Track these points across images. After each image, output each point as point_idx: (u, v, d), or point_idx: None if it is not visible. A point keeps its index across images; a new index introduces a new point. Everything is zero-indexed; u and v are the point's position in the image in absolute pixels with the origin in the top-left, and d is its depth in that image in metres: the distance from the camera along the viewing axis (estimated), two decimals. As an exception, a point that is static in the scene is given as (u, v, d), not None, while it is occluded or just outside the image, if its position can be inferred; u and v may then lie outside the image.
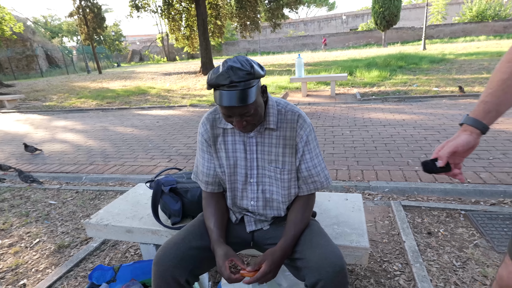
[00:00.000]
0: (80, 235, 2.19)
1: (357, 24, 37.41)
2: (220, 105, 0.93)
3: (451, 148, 0.81)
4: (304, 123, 1.08)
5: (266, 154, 1.10)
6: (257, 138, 1.10)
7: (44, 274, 1.79)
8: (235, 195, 1.17)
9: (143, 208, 1.67)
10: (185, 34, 16.90)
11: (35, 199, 2.86)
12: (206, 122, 1.14)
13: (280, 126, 1.09)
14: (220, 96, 0.92)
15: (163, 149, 4.15)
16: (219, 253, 1.01)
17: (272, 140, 1.09)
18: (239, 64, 0.91)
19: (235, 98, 0.90)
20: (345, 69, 9.75)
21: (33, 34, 25.15)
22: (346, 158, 3.30)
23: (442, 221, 2.05)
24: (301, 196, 1.14)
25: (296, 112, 1.09)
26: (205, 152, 1.16)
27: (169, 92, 9.67)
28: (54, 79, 18.94)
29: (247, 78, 0.90)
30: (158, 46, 38.34)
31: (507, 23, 25.88)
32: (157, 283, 1.02)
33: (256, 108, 0.97)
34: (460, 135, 0.82)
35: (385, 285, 1.53)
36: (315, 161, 1.11)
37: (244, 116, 0.96)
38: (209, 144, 1.15)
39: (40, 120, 7.33)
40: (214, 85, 0.92)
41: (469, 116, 0.82)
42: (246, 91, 0.91)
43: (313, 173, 1.11)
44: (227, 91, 0.91)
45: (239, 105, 0.91)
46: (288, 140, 1.09)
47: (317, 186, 1.13)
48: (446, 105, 5.30)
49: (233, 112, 0.94)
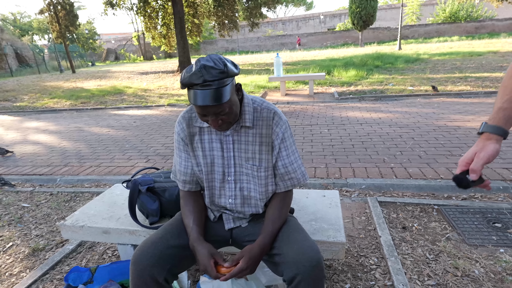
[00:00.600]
0: (55, 237, 2.16)
1: (334, 24, 38.14)
2: (194, 105, 0.93)
3: (484, 160, 0.78)
4: (280, 120, 1.09)
5: (243, 152, 1.11)
6: (233, 136, 1.10)
7: (18, 278, 1.76)
8: (213, 194, 1.17)
9: (120, 209, 1.65)
10: (161, 32, 16.59)
11: (7, 202, 2.78)
12: (182, 121, 1.13)
13: (256, 124, 1.09)
14: (194, 96, 0.91)
15: (140, 150, 4.12)
16: (202, 252, 1.02)
17: (248, 138, 1.10)
18: (212, 63, 0.90)
19: (209, 97, 0.90)
20: (323, 69, 9.93)
21: (1, 32, 23.76)
22: (324, 156, 3.39)
23: (416, 216, 2.11)
24: (279, 193, 1.15)
25: (271, 109, 1.10)
26: (182, 151, 1.16)
27: (146, 92, 9.51)
28: (24, 78, 18.00)
29: (220, 77, 0.90)
30: (134, 45, 37.35)
31: (478, 24, 26.98)
32: (135, 283, 1.01)
33: (231, 106, 0.97)
34: (487, 144, 0.79)
35: (361, 278, 1.57)
36: (291, 158, 1.12)
37: (219, 115, 0.96)
38: (186, 143, 1.14)
39: (10, 122, 7.03)
40: (188, 85, 0.92)
41: (489, 124, 0.80)
42: (220, 90, 0.91)
43: (289, 170, 1.11)
44: (200, 90, 0.90)
45: (213, 104, 0.90)
46: (264, 138, 1.09)
47: (294, 182, 1.14)
48: (421, 103, 5.52)
49: (208, 111, 0.94)
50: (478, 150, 0.80)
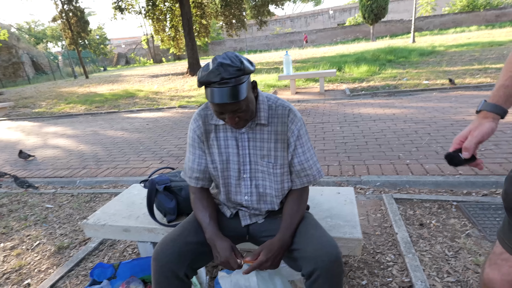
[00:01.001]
0: (78, 236, 2.25)
1: (344, 19, 37.49)
2: (211, 103, 0.94)
3: (477, 138, 0.77)
4: (295, 117, 1.10)
5: (258, 149, 1.11)
6: (248, 134, 1.11)
7: (46, 274, 1.86)
8: (229, 191, 1.18)
9: (138, 208, 1.69)
10: (170, 34, 16.82)
11: (32, 204, 2.91)
12: (198, 118, 1.14)
13: (271, 121, 1.09)
14: (212, 94, 0.92)
15: (154, 151, 4.21)
16: (222, 245, 1.04)
17: (263, 135, 1.10)
18: (229, 61, 0.91)
19: (227, 95, 0.91)
20: (334, 65, 9.80)
21: (18, 41, 24.60)
22: (337, 153, 3.36)
23: (434, 212, 2.07)
24: (295, 190, 1.16)
25: (286, 106, 1.10)
26: (196, 148, 1.16)
27: (157, 94, 9.66)
28: (41, 85, 18.61)
29: (237, 74, 0.91)
30: (143, 48, 37.93)
31: (499, 12, 25.42)
32: (157, 278, 1.05)
33: (248, 104, 0.97)
34: (483, 123, 0.78)
35: (378, 275, 1.56)
36: (307, 155, 1.12)
37: (236, 113, 0.96)
38: (202, 140, 1.15)
39: (31, 127, 7.29)
40: (205, 83, 0.93)
41: (488, 102, 0.79)
42: (237, 88, 0.92)
43: (305, 167, 1.12)
44: (218, 88, 0.91)
45: (231, 101, 0.91)
46: (279, 135, 1.10)
47: (310, 179, 1.14)
48: (437, 98, 5.35)
49: (225, 109, 0.94)
50: (473, 129, 0.79)
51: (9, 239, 2.33)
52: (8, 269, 1.96)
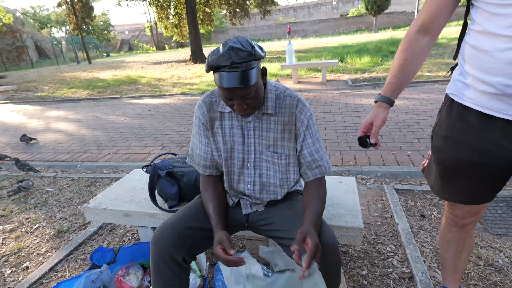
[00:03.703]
0: (78, 220, 2.26)
1: (347, 10, 36.98)
2: (220, 87, 0.91)
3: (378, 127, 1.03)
4: (304, 107, 1.07)
5: (264, 139, 1.09)
6: (254, 123, 1.08)
7: (45, 257, 1.87)
8: (231, 179, 1.17)
9: (140, 193, 1.69)
10: (173, 22, 16.64)
11: (32, 187, 2.92)
12: (202, 105, 1.12)
13: (278, 111, 1.07)
14: (221, 78, 0.89)
15: (155, 137, 4.21)
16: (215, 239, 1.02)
17: (270, 125, 1.08)
18: (239, 45, 0.88)
19: (237, 79, 0.88)
20: (336, 56, 9.75)
21: (23, 25, 24.48)
22: (338, 143, 3.36)
23: (435, 204, 2.06)
24: (312, 180, 1.11)
25: (295, 97, 1.08)
26: (202, 136, 1.14)
27: (159, 81, 9.61)
28: (44, 69, 18.53)
29: (248, 59, 0.88)
30: (147, 35, 37.57)
31: None
32: (155, 262, 1.04)
33: (257, 90, 0.95)
34: (379, 112, 1.03)
35: (378, 265, 1.56)
36: (317, 145, 1.09)
37: (245, 99, 0.94)
38: (206, 128, 1.13)
39: (33, 111, 7.29)
40: (215, 67, 0.89)
41: (381, 95, 1.03)
42: (247, 72, 0.89)
43: (316, 158, 1.09)
44: (228, 73, 0.88)
45: (241, 86, 0.89)
46: (286, 125, 1.07)
47: (322, 170, 1.10)
48: (439, 89, 5.34)
49: (234, 94, 0.91)
50: (373, 118, 1.04)
51: (8, 221, 2.34)
52: (6, 251, 1.97)
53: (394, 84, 1.00)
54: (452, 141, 0.93)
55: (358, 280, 1.49)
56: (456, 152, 0.93)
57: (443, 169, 0.99)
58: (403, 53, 0.97)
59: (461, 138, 0.90)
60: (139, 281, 1.45)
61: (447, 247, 1.16)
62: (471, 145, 0.88)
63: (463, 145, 0.90)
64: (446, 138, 0.95)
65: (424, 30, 0.93)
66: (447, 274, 1.23)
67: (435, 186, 1.06)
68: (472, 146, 0.88)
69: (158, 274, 1.04)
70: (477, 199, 0.98)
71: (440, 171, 1.01)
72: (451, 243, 1.15)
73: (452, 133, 0.93)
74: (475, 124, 0.87)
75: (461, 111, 0.89)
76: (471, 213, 1.03)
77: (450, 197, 1.02)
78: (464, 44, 0.88)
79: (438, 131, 0.99)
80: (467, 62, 0.86)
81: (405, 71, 0.97)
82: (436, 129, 1.00)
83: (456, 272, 1.20)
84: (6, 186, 3.01)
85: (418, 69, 0.99)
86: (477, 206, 1.01)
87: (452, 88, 0.93)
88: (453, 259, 1.17)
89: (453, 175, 0.97)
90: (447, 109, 0.95)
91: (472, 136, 0.88)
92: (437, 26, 0.92)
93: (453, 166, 0.95)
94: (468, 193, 0.97)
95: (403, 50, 0.97)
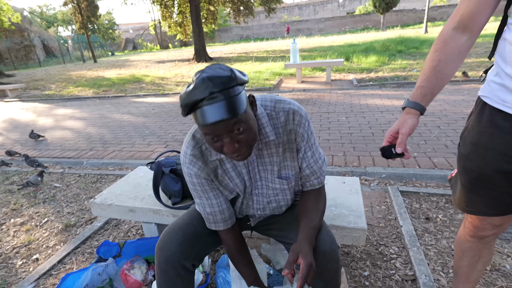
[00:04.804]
0: (84, 215, 2.32)
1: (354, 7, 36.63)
2: (203, 126, 0.76)
3: (406, 136, 0.91)
4: (301, 118, 0.96)
5: (268, 164, 1.02)
6: (255, 152, 0.99)
7: (54, 250, 1.93)
8: (240, 207, 1.13)
9: (144, 189, 1.72)
10: (177, 21, 16.68)
11: (41, 182, 2.99)
12: (195, 161, 0.97)
13: (276, 133, 0.97)
14: (202, 114, 0.74)
15: (159, 135, 4.26)
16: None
17: (271, 150, 0.99)
18: (214, 72, 0.74)
19: (221, 110, 0.73)
20: (342, 55, 9.64)
21: (30, 24, 24.81)
22: (342, 144, 3.33)
23: (441, 207, 2.03)
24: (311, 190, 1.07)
25: (287, 109, 0.95)
26: (209, 191, 1.02)
27: (163, 80, 9.66)
28: (51, 68, 18.76)
29: (229, 85, 0.74)
30: (151, 34, 37.71)
31: None
32: (163, 268, 1.00)
33: (248, 121, 0.80)
34: (407, 119, 0.91)
35: (381, 267, 1.55)
36: (316, 156, 1.03)
37: (235, 135, 0.79)
38: (211, 179, 1.02)
39: (41, 109, 7.41)
40: (191, 104, 0.74)
41: (410, 100, 0.92)
42: (232, 100, 0.74)
43: (315, 169, 1.04)
44: (208, 106, 0.73)
45: (228, 117, 0.74)
46: (286, 144, 0.99)
47: (320, 180, 1.06)
48: (448, 90, 5.20)
49: (221, 130, 0.76)
50: (400, 126, 0.92)
51: (19, 215, 2.42)
52: (18, 243, 2.05)
53: (426, 88, 0.89)
54: (480, 148, 0.85)
55: (360, 281, 1.49)
56: (484, 161, 0.85)
57: (469, 179, 0.91)
58: (436, 53, 0.87)
59: (491, 146, 0.82)
60: (143, 275, 1.49)
61: (462, 256, 1.10)
62: (502, 152, 0.80)
63: (492, 153, 0.82)
64: (474, 145, 0.87)
65: (462, 27, 0.83)
66: (458, 282, 1.17)
67: (457, 198, 0.99)
68: (502, 153, 0.80)
69: (165, 278, 1.02)
70: (502, 210, 0.90)
71: (465, 182, 0.93)
72: (466, 253, 1.08)
73: (481, 140, 0.84)
74: (508, 130, 0.78)
75: (494, 115, 0.81)
76: (493, 225, 0.95)
77: (474, 210, 0.94)
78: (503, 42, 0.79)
79: (466, 137, 0.91)
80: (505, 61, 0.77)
81: (439, 73, 0.87)
82: (465, 135, 0.92)
83: (469, 281, 1.14)
84: (16, 181, 3.09)
85: (455, 72, 0.88)
86: (500, 218, 0.93)
87: (485, 90, 0.84)
88: (467, 268, 1.10)
89: (479, 185, 0.89)
90: (478, 113, 0.86)
91: (503, 142, 0.80)
92: (478, 22, 0.81)
93: (479, 176, 0.87)
94: (493, 205, 0.90)
95: (437, 50, 0.87)
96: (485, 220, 0.96)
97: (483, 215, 0.94)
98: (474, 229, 1.01)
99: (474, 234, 1.02)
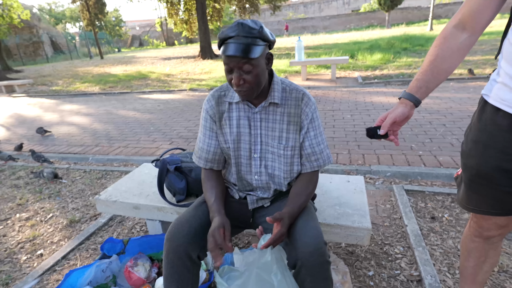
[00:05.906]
0: (89, 211, 2.32)
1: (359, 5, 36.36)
2: (224, 56, 0.96)
3: (391, 120, 0.94)
4: (309, 101, 1.10)
5: (270, 130, 1.12)
6: (261, 114, 1.11)
7: (58, 246, 1.94)
8: (239, 170, 1.19)
9: (149, 187, 1.72)
10: (183, 18, 16.70)
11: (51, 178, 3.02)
12: (211, 99, 1.16)
13: (284, 103, 1.09)
14: (225, 48, 0.95)
15: (164, 132, 4.27)
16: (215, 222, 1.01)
17: (276, 116, 1.11)
18: (249, 22, 0.95)
19: (238, 49, 0.93)
20: (347, 52, 9.62)
21: (39, 21, 25.20)
22: (347, 142, 3.31)
23: (447, 206, 2.00)
24: (305, 173, 1.15)
25: (300, 90, 1.11)
26: (207, 129, 1.17)
27: (169, 77, 9.70)
28: (59, 64, 18.97)
29: (253, 35, 0.94)
30: (157, 31, 37.83)
31: None
32: (170, 258, 1.04)
33: (257, 68, 0.97)
34: (398, 107, 0.95)
35: (386, 267, 1.53)
36: (319, 139, 1.12)
37: (243, 73, 0.97)
38: (214, 120, 1.15)
39: (48, 104, 7.48)
40: (223, 39, 0.96)
41: (405, 91, 0.96)
42: (250, 46, 0.93)
43: (316, 151, 1.11)
44: (232, 43, 0.94)
45: (241, 55, 0.93)
46: (292, 117, 1.10)
47: (320, 163, 1.13)
48: (454, 88, 5.18)
49: (233, 63, 0.95)
50: (391, 112, 0.96)
51: (24, 210, 2.43)
52: (23, 238, 2.05)
53: (421, 81, 0.92)
54: (480, 146, 0.87)
55: (364, 281, 1.47)
56: (483, 158, 0.86)
57: (469, 177, 0.93)
58: (435, 48, 0.90)
59: (490, 143, 0.84)
60: (147, 272, 1.48)
61: (468, 256, 1.10)
62: (500, 150, 0.82)
63: (491, 151, 0.84)
64: (475, 142, 0.89)
65: (462, 25, 0.84)
66: (465, 283, 1.16)
67: (459, 196, 1.00)
68: (501, 151, 0.82)
69: (172, 270, 1.05)
70: (505, 210, 0.90)
71: (466, 179, 0.94)
72: (472, 253, 1.08)
73: (481, 138, 0.86)
74: (507, 128, 0.79)
75: (494, 113, 0.82)
76: (498, 225, 0.95)
77: (476, 209, 0.95)
78: (507, 42, 0.79)
79: (468, 134, 0.93)
80: (506, 60, 0.78)
81: (435, 68, 0.90)
82: (467, 132, 0.94)
83: (475, 283, 1.13)
84: (22, 176, 3.11)
85: (453, 68, 0.90)
86: (505, 218, 0.93)
87: (487, 88, 0.86)
88: (473, 269, 1.10)
89: (478, 183, 0.90)
90: (479, 112, 0.88)
91: (502, 140, 0.81)
92: (479, 21, 0.81)
93: (478, 173, 0.89)
94: (495, 204, 0.90)
95: (436, 46, 0.89)
96: (490, 220, 0.95)
97: (485, 214, 0.94)
98: (479, 229, 1.00)
99: (479, 234, 1.02)
